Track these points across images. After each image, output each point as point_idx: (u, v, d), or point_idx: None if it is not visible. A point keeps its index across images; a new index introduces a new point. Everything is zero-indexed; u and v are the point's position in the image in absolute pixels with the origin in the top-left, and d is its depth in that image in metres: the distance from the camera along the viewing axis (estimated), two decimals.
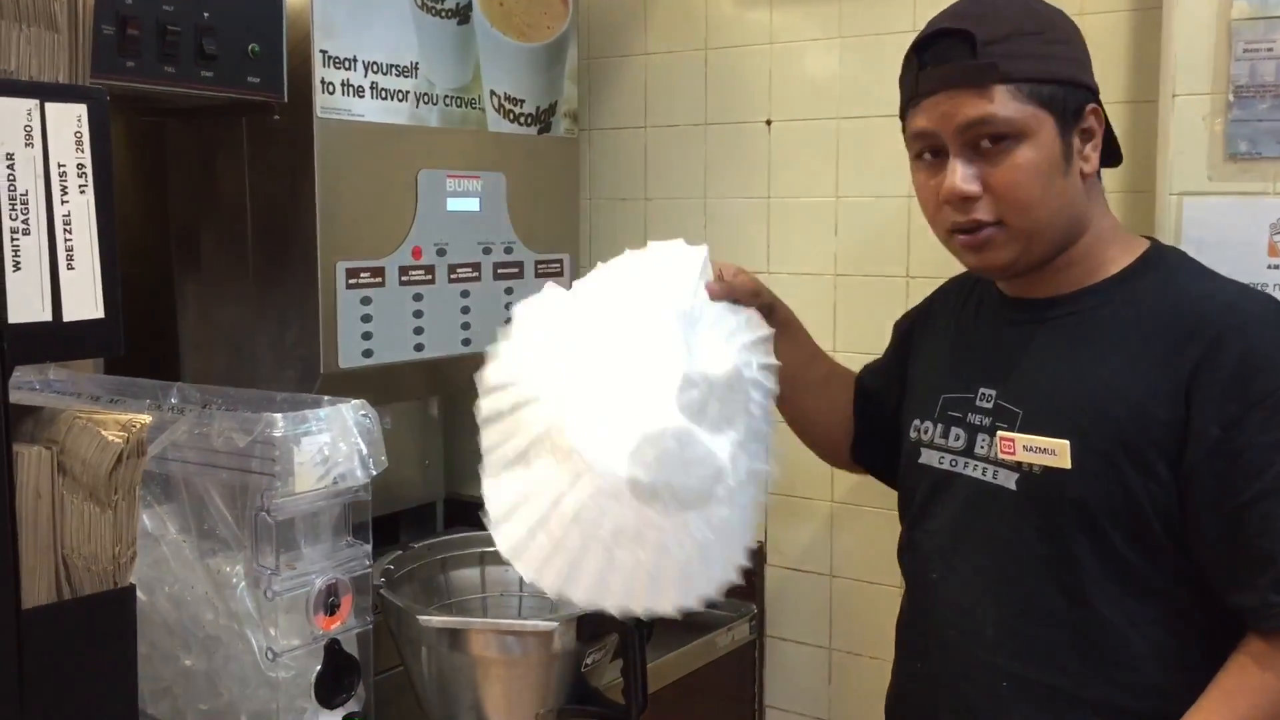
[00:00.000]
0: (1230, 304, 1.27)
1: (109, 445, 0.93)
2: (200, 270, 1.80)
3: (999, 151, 1.28)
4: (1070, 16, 1.35)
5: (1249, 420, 1.20)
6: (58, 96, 0.90)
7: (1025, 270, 1.34)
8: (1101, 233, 1.34)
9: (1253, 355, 1.22)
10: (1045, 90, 1.27)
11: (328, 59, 1.64)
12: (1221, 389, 1.21)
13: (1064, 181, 1.29)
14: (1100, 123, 1.32)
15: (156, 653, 1.39)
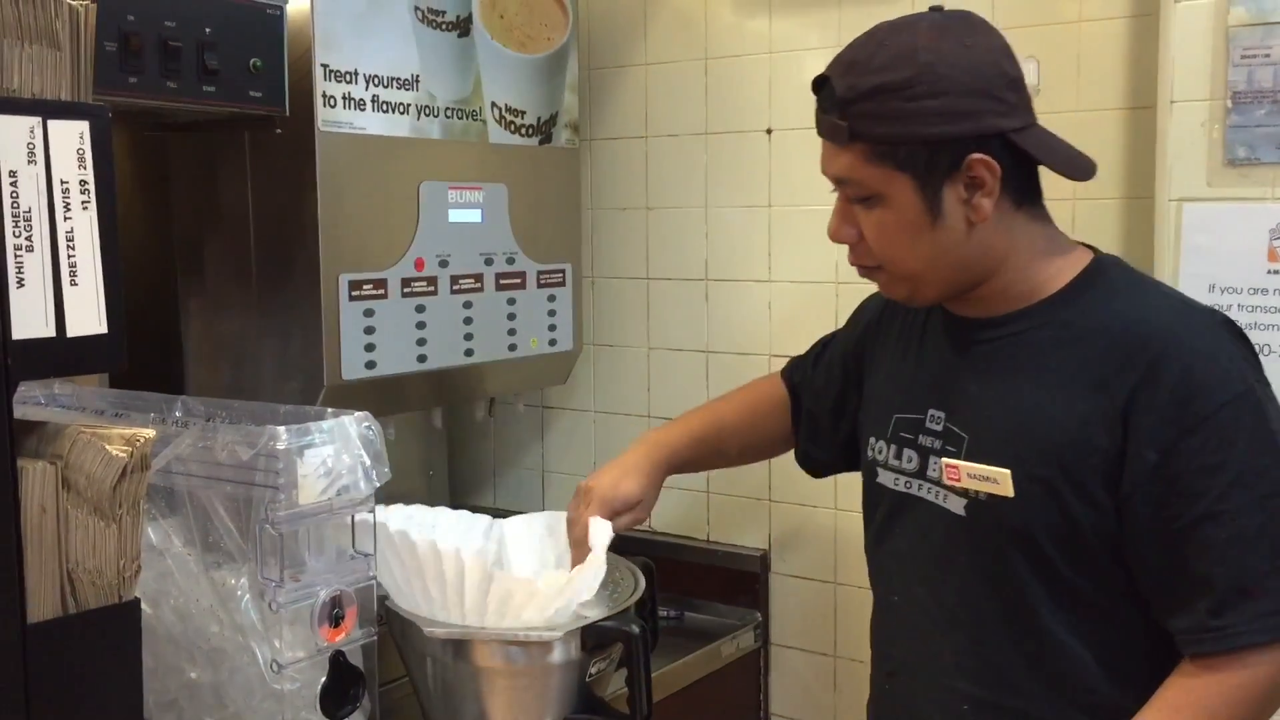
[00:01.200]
0: (1168, 326, 1.26)
1: (113, 460, 0.94)
2: (203, 283, 1.81)
3: (863, 207, 1.30)
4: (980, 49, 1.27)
5: (1185, 445, 1.20)
6: (60, 114, 0.91)
7: (937, 301, 1.36)
8: (1029, 261, 1.31)
9: (1189, 379, 1.21)
10: (901, 152, 1.25)
11: (329, 73, 1.65)
12: (1158, 414, 1.21)
13: (935, 235, 1.27)
14: (992, 170, 1.25)
15: (162, 665, 1.40)
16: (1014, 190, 1.28)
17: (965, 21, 1.29)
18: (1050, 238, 1.34)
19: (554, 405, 2.35)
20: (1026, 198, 1.30)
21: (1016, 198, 1.29)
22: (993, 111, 1.25)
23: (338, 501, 1.33)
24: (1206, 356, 1.23)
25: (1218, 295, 1.59)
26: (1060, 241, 1.35)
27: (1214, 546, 1.18)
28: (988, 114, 1.24)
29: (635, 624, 1.45)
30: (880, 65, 1.24)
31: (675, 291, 2.20)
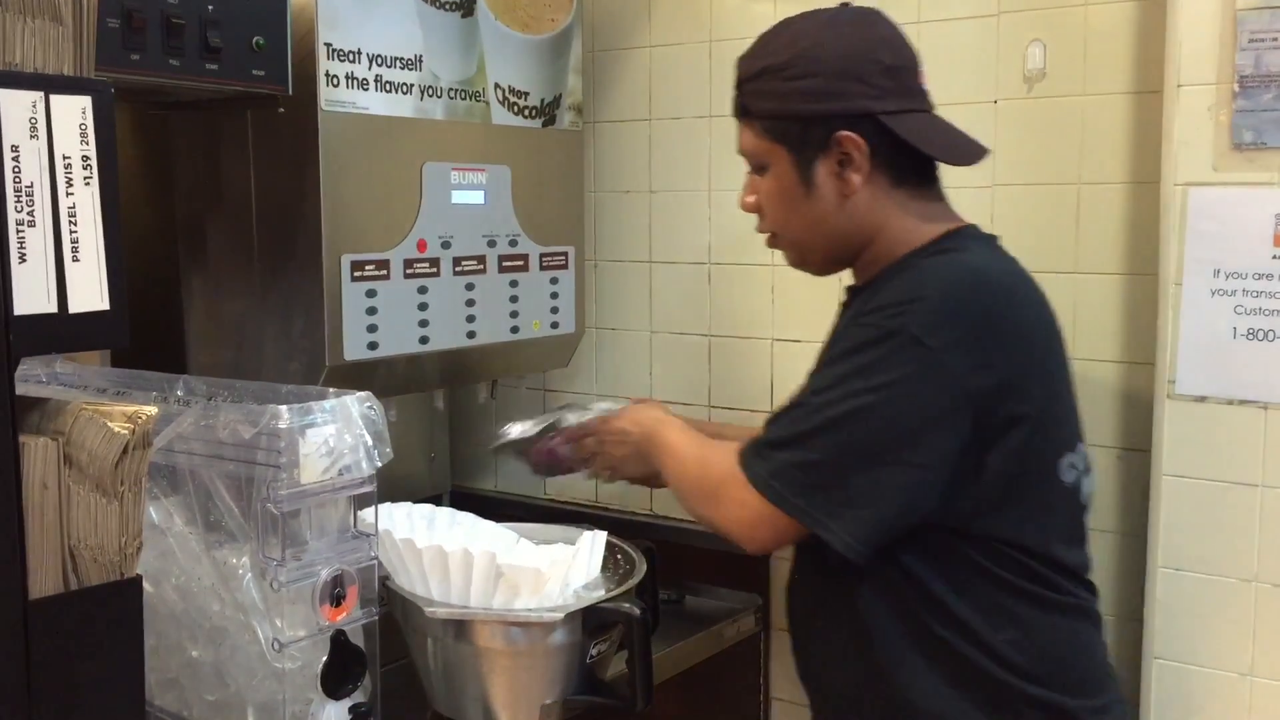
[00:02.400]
0: (920, 267, 1.38)
1: (115, 437, 0.94)
2: (205, 263, 1.80)
3: (759, 177, 1.47)
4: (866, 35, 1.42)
5: (836, 348, 1.39)
6: (62, 89, 0.90)
7: (826, 271, 1.53)
8: (898, 234, 1.42)
9: (870, 299, 1.37)
10: (779, 126, 1.42)
11: (332, 52, 1.64)
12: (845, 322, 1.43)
13: (809, 204, 1.43)
14: (860, 147, 1.38)
15: (163, 644, 1.40)
16: (891, 170, 1.41)
17: (855, 14, 1.45)
18: (926, 215, 1.44)
19: (556, 388, 2.35)
20: (907, 179, 1.42)
21: (894, 178, 1.41)
22: (863, 94, 1.38)
23: (339, 481, 1.32)
24: (900, 284, 1.36)
25: (1223, 280, 1.58)
26: (936, 218, 1.44)
27: (786, 413, 1.39)
28: (858, 96, 1.38)
29: (636, 606, 1.45)
30: (770, 50, 1.43)
31: (678, 275, 2.19)
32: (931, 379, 1.29)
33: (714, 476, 1.45)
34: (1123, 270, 1.78)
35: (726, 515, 1.42)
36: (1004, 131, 1.86)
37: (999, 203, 1.87)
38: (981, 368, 1.30)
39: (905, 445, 1.30)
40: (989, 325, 1.32)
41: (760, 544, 1.44)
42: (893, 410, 1.30)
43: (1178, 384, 1.62)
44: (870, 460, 1.31)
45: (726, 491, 1.41)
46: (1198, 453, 1.62)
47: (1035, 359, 1.37)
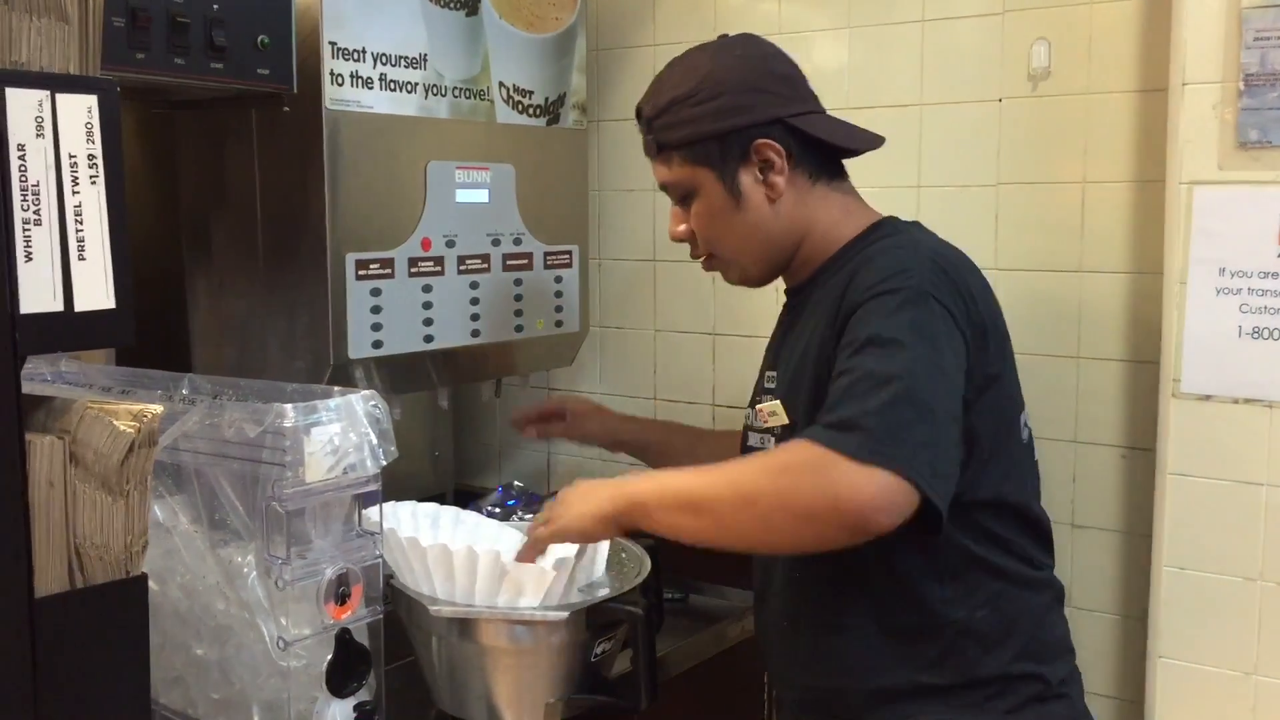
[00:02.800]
0: (882, 248, 1.44)
1: (121, 435, 0.94)
2: (210, 262, 1.81)
3: (686, 205, 1.53)
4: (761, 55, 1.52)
5: (848, 324, 1.37)
6: (68, 87, 0.90)
7: (767, 279, 1.58)
8: (828, 228, 1.51)
9: (861, 278, 1.39)
10: (698, 149, 1.48)
11: (336, 50, 1.65)
12: (845, 310, 1.39)
13: (741, 215, 1.49)
14: (778, 150, 1.47)
15: (168, 642, 1.40)
16: (807, 167, 1.50)
17: (739, 39, 1.56)
18: (847, 208, 1.53)
19: (560, 387, 2.35)
20: (822, 173, 1.52)
21: (811, 174, 1.51)
22: (768, 103, 1.48)
23: (344, 479, 1.32)
24: (881, 261, 1.40)
25: (1228, 279, 1.58)
26: (857, 211, 1.54)
27: (838, 388, 1.32)
28: (764, 105, 1.47)
29: (640, 605, 1.45)
30: (672, 84, 1.51)
31: (682, 273, 2.19)
32: (955, 334, 1.34)
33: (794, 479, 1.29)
34: (1128, 269, 1.78)
35: (841, 507, 1.25)
36: (1008, 130, 1.86)
37: (1003, 202, 1.87)
38: (970, 325, 1.37)
39: (956, 402, 1.33)
40: (963, 291, 1.39)
41: (888, 522, 1.25)
42: (942, 362, 1.32)
43: (1183, 383, 1.62)
44: (946, 423, 1.30)
45: (828, 483, 1.26)
46: (1203, 451, 1.62)
47: (994, 322, 1.44)
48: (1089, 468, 1.83)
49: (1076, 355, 1.83)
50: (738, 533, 1.35)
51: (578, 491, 1.46)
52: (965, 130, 1.89)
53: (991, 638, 1.42)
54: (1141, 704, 1.71)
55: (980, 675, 1.42)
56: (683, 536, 1.39)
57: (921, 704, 1.43)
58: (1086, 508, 1.84)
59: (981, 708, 1.42)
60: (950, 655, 1.42)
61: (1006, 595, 1.44)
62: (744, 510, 1.32)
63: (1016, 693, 1.43)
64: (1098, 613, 1.85)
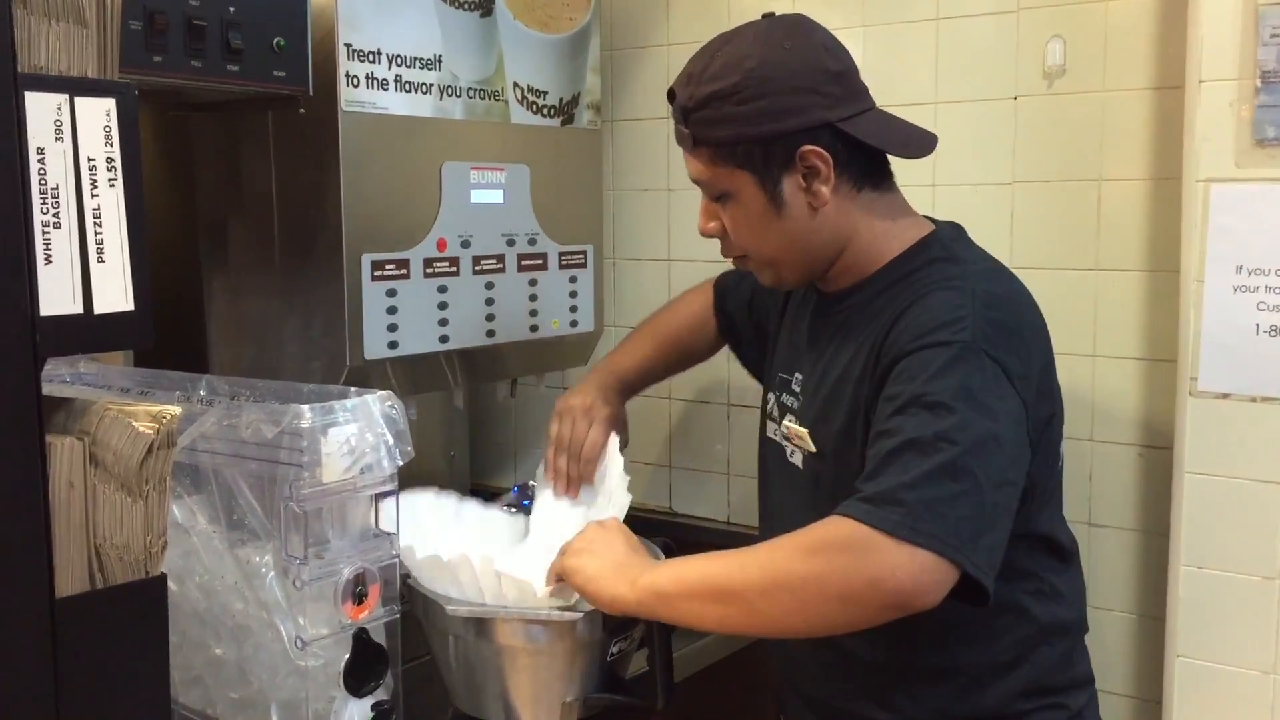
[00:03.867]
0: (933, 277, 1.37)
1: (140, 436, 0.94)
2: (227, 263, 1.81)
3: (719, 204, 1.44)
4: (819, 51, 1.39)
5: (889, 374, 1.31)
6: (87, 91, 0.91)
7: (803, 284, 1.52)
8: (870, 240, 1.43)
9: (911, 320, 1.32)
10: (739, 151, 1.38)
11: (352, 52, 1.65)
12: (891, 354, 1.32)
13: (781, 223, 1.40)
14: (824, 159, 1.37)
15: (187, 642, 1.41)
16: (853, 175, 1.41)
17: (789, 25, 1.42)
18: (893, 216, 1.45)
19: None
20: (868, 180, 1.42)
21: (856, 181, 1.41)
22: (817, 105, 1.36)
23: (361, 480, 1.33)
24: (932, 305, 1.33)
25: (1245, 277, 1.58)
26: (903, 219, 1.46)
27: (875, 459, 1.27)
28: (813, 108, 1.36)
29: None
30: (712, 75, 1.38)
31: (696, 273, 2.18)
32: (1008, 393, 1.28)
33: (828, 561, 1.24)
34: (1144, 267, 1.78)
35: (881, 589, 1.21)
36: (1024, 128, 1.85)
37: (1019, 200, 1.87)
38: (1027, 377, 1.31)
39: (1009, 463, 1.27)
40: (1020, 334, 1.33)
41: (931, 602, 1.22)
42: (997, 429, 1.25)
43: (1200, 381, 1.62)
44: (992, 484, 1.24)
45: (865, 564, 1.21)
46: (1220, 450, 1.61)
47: (1050, 356, 1.39)
48: (1106, 467, 1.83)
49: (1093, 354, 1.82)
50: (770, 619, 1.29)
51: (603, 542, 1.42)
52: (980, 128, 1.89)
53: (1010, 682, 1.39)
54: (1160, 703, 1.70)
55: (998, 715, 1.40)
56: (708, 626, 1.37)
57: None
58: (1104, 507, 1.84)
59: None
60: (968, 694, 1.39)
61: (1030, 643, 1.40)
62: (777, 595, 1.27)
63: (1033, 717, 1.41)
64: (1116, 612, 1.84)
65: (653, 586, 1.34)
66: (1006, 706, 1.40)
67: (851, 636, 1.39)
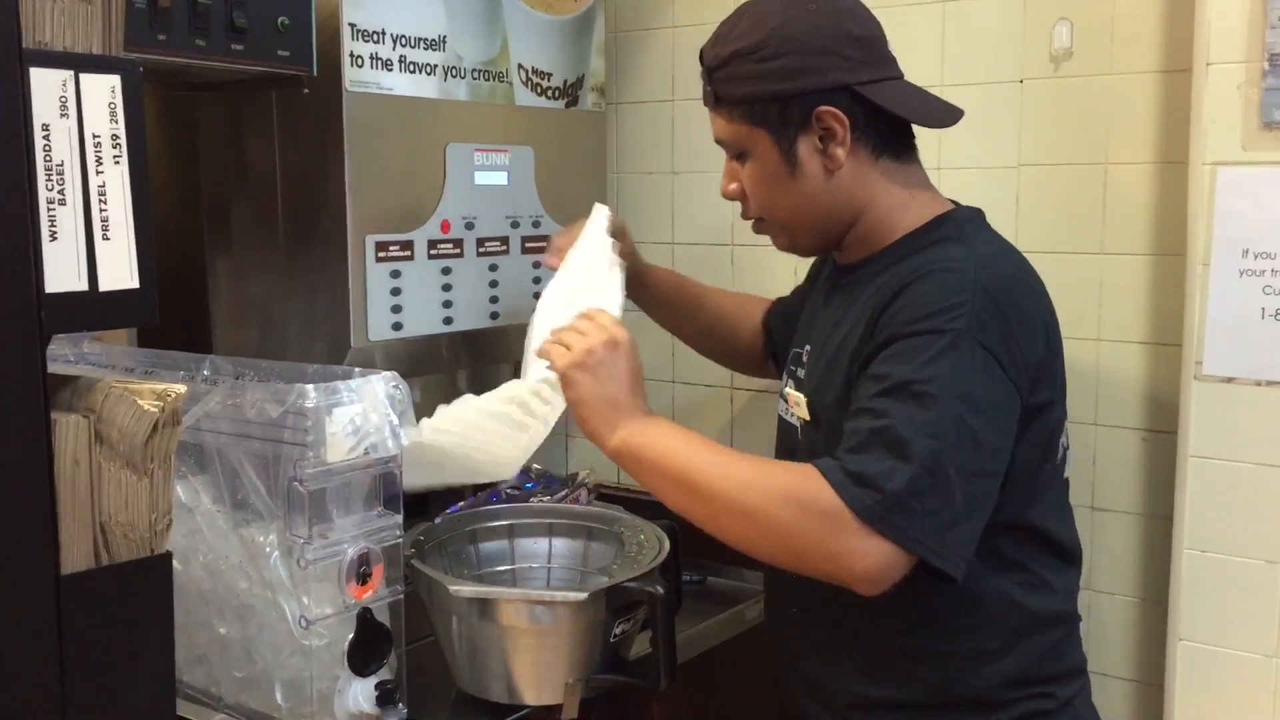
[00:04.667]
0: (937, 258, 1.35)
1: (145, 414, 0.95)
2: (231, 244, 1.81)
3: (739, 164, 1.46)
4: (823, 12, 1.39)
5: (879, 352, 1.31)
6: (92, 67, 0.91)
7: (816, 251, 1.54)
8: (886, 211, 1.43)
9: (909, 300, 1.31)
10: (757, 109, 1.39)
11: (356, 32, 1.65)
12: (886, 331, 1.31)
13: (796, 184, 1.41)
14: (841, 121, 1.38)
15: (192, 621, 1.41)
16: (871, 141, 1.41)
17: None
18: (910, 190, 1.44)
19: None
20: (887, 148, 1.42)
21: (875, 148, 1.41)
22: (837, 67, 1.37)
23: (365, 460, 1.33)
24: (932, 288, 1.31)
25: (1251, 260, 1.57)
26: (921, 194, 1.45)
27: (852, 425, 1.29)
28: (831, 69, 1.37)
29: (659, 586, 1.46)
30: (738, 35, 1.40)
31: (701, 256, 2.19)
32: (998, 382, 1.28)
33: (801, 514, 1.27)
34: (1150, 251, 1.77)
35: (836, 566, 1.26)
36: (1030, 111, 1.84)
37: (1025, 183, 1.86)
38: (1021, 365, 1.30)
39: (989, 455, 1.28)
40: (1019, 321, 1.32)
41: (878, 590, 1.26)
42: (979, 421, 1.26)
43: (1205, 365, 1.61)
44: (967, 475, 1.25)
45: (830, 538, 1.24)
46: (1225, 434, 1.61)
47: (1052, 344, 1.38)
48: (1110, 450, 1.83)
49: (1098, 338, 1.82)
50: (724, 531, 1.34)
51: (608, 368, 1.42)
52: (987, 112, 1.88)
53: (999, 669, 1.38)
54: (1161, 687, 1.71)
55: (985, 700, 1.40)
56: (665, 502, 1.39)
57: (920, 715, 1.41)
58: (1107, 491, 1.84)
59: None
60: (954, 680, 1.39)
61: (1021, 631, 1.39)
62: (741, 518, 1.31)
63: (1019, 707, 1.40)
64: (1118, 596, 1.84)
65: (634, 448, 1.37)
66: (994, 694, 1.39)
67: (845, 618, 1.42)
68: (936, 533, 1.23)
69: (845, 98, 1.38)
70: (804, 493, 1.26)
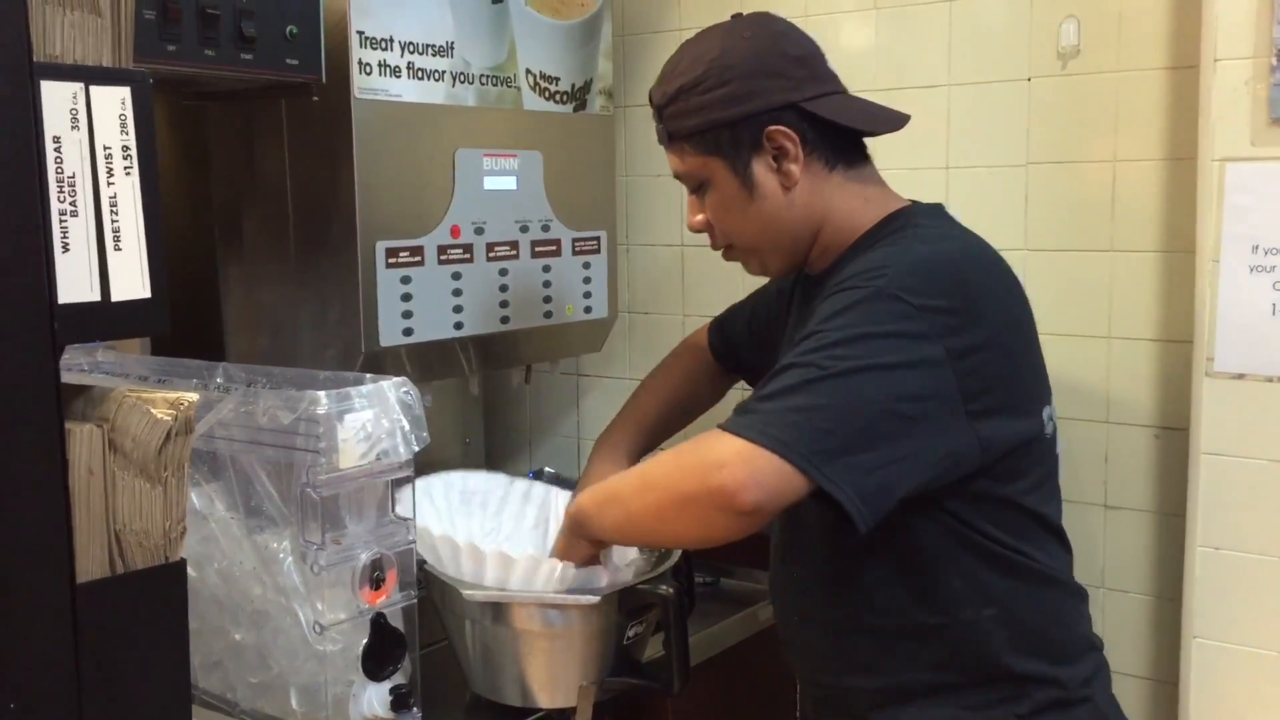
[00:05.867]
0: (882, 242, 1.39)
1: (158, 423, 0.95)
2: (242, 252, 1.82)
3: (701, 195, 1.49)
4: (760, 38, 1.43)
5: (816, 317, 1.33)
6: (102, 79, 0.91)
7: (787, 269, 1.54)
8: (845, 216, 1.45)
9: (847, 275, 1.35)
10: (709, 138, 1.43)
11: (364, 40, 1.65)
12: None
13: (756, 205, 1.45)
14: (791, 138, 1.41)
15: (207, 627, 1.42)
16: (824, 154, 1.44)
17: (750, 19, 1.51)
18: (866, 195, 1.47)
19: (590, 373, 2.36)
20: (840, 158, 1.46)
21: (828, 160, 1.45)
22: (780, 88, 1.42)
23: (377, 466, 1.34)
24: (866, 259, 1.36)
25: (1261, 256, 1.57)
26: (877, 197, 1.48)
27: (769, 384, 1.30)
28: (775, 90, 1.41)
29: (671, 588, 1.46)
30: (680, 71, 1.45)
31: (710, 258, 2.17)
32: (915, 335, 1.28)
33: (679, 461, 1.31)
34: (1159, 248, 1.77)
35: (706, 484, 1.24)
36: (1038, 109, 1.84)
37: (1033, 181, 1.86)
38: (958, 329, 1.30)
39: (897, 396, 1.27)
40: (960, 290, 1.33)
41: (757, 503, 1.23)
42: (882, 361, 1.27)
43: (1216, 361, 1.61)
44: (866, 409, 1.26)
45: (705, 460, 1.26)
46: (1236, 430, 1.61)
47: (1006, 318, 1.38)
48: (1121, 448, 1.82)
49: (1108, 335, 1.82)
50: (641, 522, 1.38)
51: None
52: (994, 110, 1.88)
53: (1000, 636, 1.38)
54: (1176, 685, 1.70)
55: (991, 674, 1.39)
56: (611, 534, 1.44)
57: (933, 704, 1.41)
58: (1119, 488, 1.83)
59: (995, 710, 1.39)
60: (958, 654, 1.39)
61: (1016, 593, 1.39)
62: (644, 496, 1.36)
63: (1031, 697, 1.39)
64: (1131, 594, 1.84)
65: (577, 508, 1.46)
66: (1003, 661, 1.38)
67: (844, 613, 1.44)
68: (825, 454, 1.23)
69: (792, 115, 1.42)
70: (693, 443, 1.32)
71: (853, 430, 1.25)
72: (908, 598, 1.40)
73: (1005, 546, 1.39)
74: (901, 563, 1.39)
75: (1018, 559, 1.39)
